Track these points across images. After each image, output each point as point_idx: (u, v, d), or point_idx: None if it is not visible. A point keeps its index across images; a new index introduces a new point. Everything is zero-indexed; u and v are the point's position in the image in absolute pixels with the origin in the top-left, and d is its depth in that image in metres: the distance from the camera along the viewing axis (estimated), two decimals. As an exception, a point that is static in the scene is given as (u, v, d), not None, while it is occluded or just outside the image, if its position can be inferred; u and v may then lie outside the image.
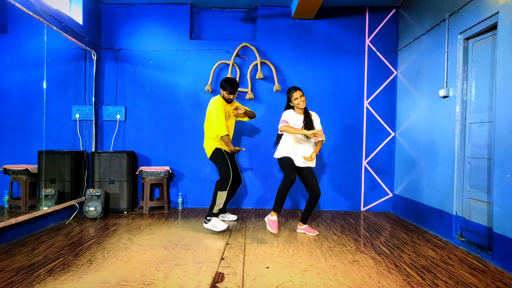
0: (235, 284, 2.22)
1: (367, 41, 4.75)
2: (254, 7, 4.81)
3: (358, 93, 4.75)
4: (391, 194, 4.73)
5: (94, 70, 4.53)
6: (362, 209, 4.75)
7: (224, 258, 2.71)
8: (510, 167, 2.55)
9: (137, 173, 4.53)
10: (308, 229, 3.47)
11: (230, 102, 3.69)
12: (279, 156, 3.36)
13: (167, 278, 2.29)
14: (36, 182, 3.85)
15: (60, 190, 3.96)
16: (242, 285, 2.21)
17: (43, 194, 3.79)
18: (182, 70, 4.77)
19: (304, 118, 3.36)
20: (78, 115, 4.41)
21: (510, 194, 2.54)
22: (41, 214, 3.46)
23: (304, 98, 3.35)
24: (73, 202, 4.02)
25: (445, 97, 3.48)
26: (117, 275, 2.33)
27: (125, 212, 4.37)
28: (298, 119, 3.36)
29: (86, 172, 4.34)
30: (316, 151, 3.35)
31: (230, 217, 4.01)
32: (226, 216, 4.00)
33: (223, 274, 2.39)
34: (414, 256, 2.84)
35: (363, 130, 4.76)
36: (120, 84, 4.76)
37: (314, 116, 3.46)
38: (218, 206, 3.46)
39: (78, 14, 4.24)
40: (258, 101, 4.75)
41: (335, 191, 4.76)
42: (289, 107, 3.45)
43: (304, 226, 3.49)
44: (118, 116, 4.70)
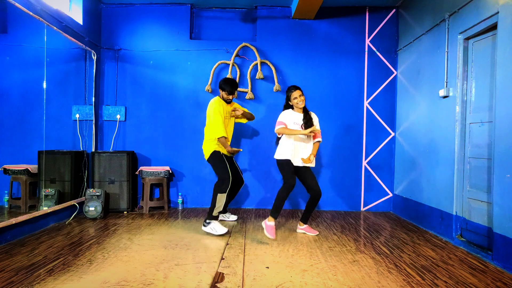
0: (235, 284, 2.22)
1: (367, 41, 4.75)
2: (254, 7, 4.81)
3: (358, 93, 4.75)
4: (391, 194, 4.73)
5: (94, 70, 4.53)
6: (362, 209, 4.75)
7: (224, 258, 2.71)
8: (510, 167, 2.55)
9: (137, 173, 4.54)
10: (308, 229, 3.47)
11: (229, 102, 3.68)
12: (279, 158, 3.33)
13: (167, 278, 2.29)
14: (36, 182, 3.85)
15: (60, 190, 3.96)
16: (242, 285, 2.21)
17: (43, 194, 3.79)
18: (182, 70, 4.77)
19: (304, 116, 3.35)
20: (78, 115, 4.41)
21: (510, 194, 2.54)
22: (41, 214, 3.47)
23: (303, 98, 3.34)
24: (73, 202, 4.02)
25: (445, 97, 3.48)
26: (117, 275, 2.33)
27: (125, 212, 4.37)
28: (298, 118, 3.35)
29: (86, 172, 4.34)
30: (313, 153, 3.33)
31: (231, 217, 4.01)
32: (226, 216, 4.00)
33: (223, 274, 2.39)
34: (414, 256, 2.84)
35: (363, 130, 4.76)
36: (120, 84, 4.76)
37: (313, 116, 3.45)
38: (218, 208, 3.41)
39: (78, 14, 4.24)
40: (258, 101, 4.75)
41: (335, 191, 4.76)
42: (288, 106, 3.43)
43: (304, 226, 3.49)
44: (118, 116, 4.71)
